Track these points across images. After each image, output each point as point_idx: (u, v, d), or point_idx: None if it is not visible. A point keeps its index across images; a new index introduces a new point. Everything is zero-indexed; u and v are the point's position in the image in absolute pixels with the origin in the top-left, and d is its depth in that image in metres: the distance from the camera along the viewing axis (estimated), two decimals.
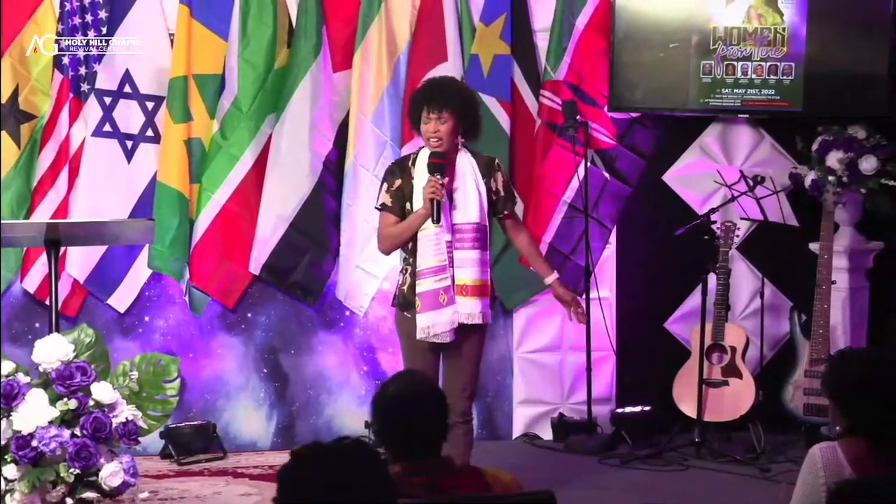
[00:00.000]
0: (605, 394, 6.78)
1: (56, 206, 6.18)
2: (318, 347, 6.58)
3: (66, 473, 4.28)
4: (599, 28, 6.64)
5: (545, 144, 6.63)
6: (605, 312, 6.68)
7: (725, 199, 6.57)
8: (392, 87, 6.48)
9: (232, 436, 6.45)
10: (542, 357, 6.79)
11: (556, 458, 6.40)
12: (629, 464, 6.20)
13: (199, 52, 6.29)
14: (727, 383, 6.41)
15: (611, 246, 6.82)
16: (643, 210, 6.82)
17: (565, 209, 6.65)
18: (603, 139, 6.72)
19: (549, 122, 6.63)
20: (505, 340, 6.77)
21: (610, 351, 6.76)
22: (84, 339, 4.58)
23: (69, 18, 6.19)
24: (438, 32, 6.49)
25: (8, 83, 6.12)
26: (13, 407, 4.34)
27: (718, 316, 6.40)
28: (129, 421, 4.44)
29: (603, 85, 6.66)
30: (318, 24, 6.38)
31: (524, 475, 3.51)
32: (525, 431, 6.75)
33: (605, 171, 6.74)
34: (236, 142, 6.34)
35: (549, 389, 6.78)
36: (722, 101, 6.67)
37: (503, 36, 6.52)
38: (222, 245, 6.35)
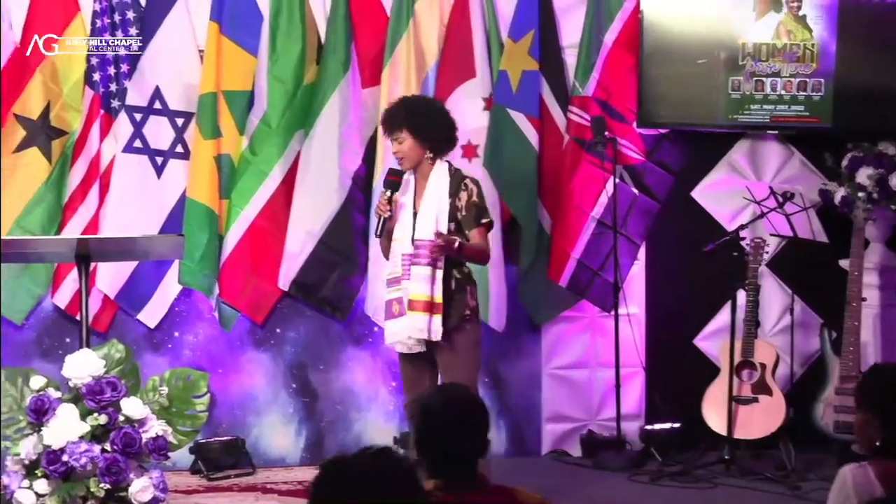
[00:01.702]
0: (634, 410, 6.76)
1: (86, 221, 6.21)
2: (346, 363, 6.59)
3: (96, 488, 4.28)
4: (628, 44, 6.64)
5: (573, 160, 6.63)
6: (634, 329, 6.67)
7: (755, 216, 6.55)
8: None
9: (261, 451, 6.46)
10: (570, 373, 6.77)
11: (585, 475, 6.38)
12: (658, 481, 6.18)
13: (229, 68, 6.32)
14: (757, 400, 6.37)
15: (639, 262, 6.81)
16: (672, 226, 6.81)
17: (594, 225, 6.65)
18: (631, 155, 6.71)
19: (577, 137, 6.62)
20: (534, 356, 6.76)
21: (639, 367, 6.74)
22: (114, 354, 4.58)
23: (100, 35, 6.23)
24: (467, 48, 6.50)
25: (39, 100, 6.15)
26: (44, 422, 4.34)
27: (748, 332, 6.37)
28: (159, 436, 4.44)
29: (631, 101, 6.66)
30: (347, 41, 6.40)
31: (553, 492, 3.52)
32: (554, 448, 6.74)
33: (634, 186, 6.73)
34: (265, 158, 6.36)
35: (577, 406, 6.76)
36: (751, 117, 6.65)
37: (531, 52, 6.53)
38: (251, 261, 6.36)
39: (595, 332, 6.80)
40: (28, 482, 4.34)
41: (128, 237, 5.53)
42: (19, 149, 6.14)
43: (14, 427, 4.45)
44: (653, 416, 6.76)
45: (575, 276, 6.66)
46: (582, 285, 6.68)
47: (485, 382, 6.61)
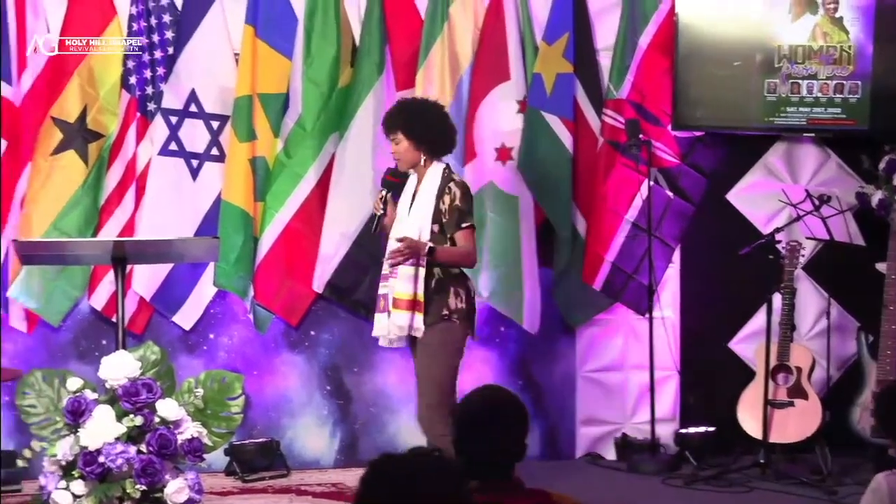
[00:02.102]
0: (669, 414, 6.74)
1: (123, 224, 6.24)
2: (380, 365, 6.60)
3: (132, 489, 4.30)
4: (662, 47, 6.62)
5: (608, 163, 6.62)
6: (669, 332, 6.65)
7: (790, 219, 6.51)
8: (455, 106, 6.49)
9: (295, 453, 6.47)
10: (605, 376, 6.76)
11: (619, 479, 6.36)
12: (693, 485, 6.15)
13: (264, 71, 6.34)
14: (793, 404, 6.34)
15: (674, 265, 6.79)
16: (707, 229, 6.78)
17: (628, 228, 6.63)
18: (666, 158, 6.70)
19: (611, 140, 6.61)
20: (568, 359, 6.75)
21: (673, 370, 6.72)
22: (150, 356, 4.60)
23: (136, 39, 6.26)
24: (501, 51, 6.50)
25: (77, 104, 6.19)
26: (81, 423, 4.37)
27: (784, 336, 6.34)
28: (194, 438, 4.45)
29: (666, 103, 6.64)
30: (382, 44, 6.41)
31: (587, 495, 3.51)
32: (588, 451, 6.73)
33: (669, 189, 6.71)
34: (300, 160, 6.38)
35: (612, 409, 6.75)
36: (787, 119, 6.62)
37: (566, 55, 6.52)
38: (286, 263, 6.38)
39: (629, 334, 6.78)
40: (65, 483, 4.36)
41: (163, 239, 5.55)
42: (56, 151, 6.18)
43: (51, 428, 4.48)
44: (687, 419, 6.74)
45: (609, 278, 6.65)
46: (616, 288, 6.66)
47: (518, 385, 6.62)
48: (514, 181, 6.51)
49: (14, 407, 4.82)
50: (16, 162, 6.19)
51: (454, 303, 5.25)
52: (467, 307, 5.30)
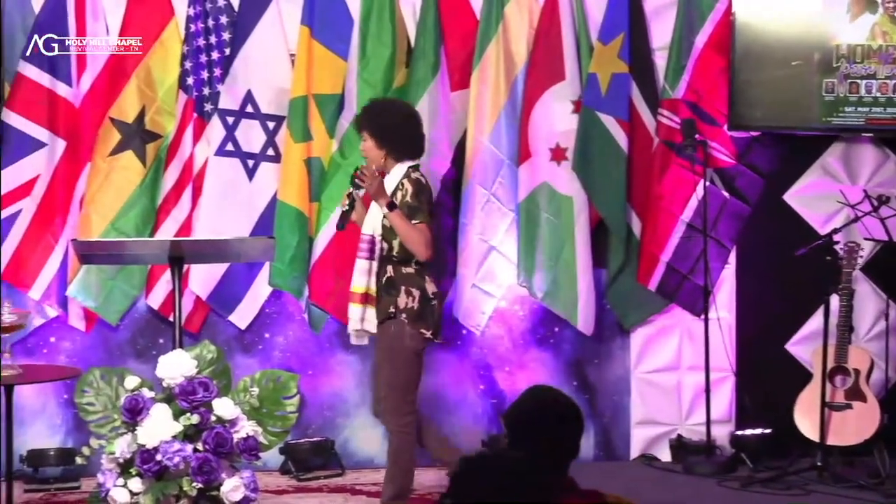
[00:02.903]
0: (724, 415, 6.70)
1: (180, 224, 6.29)
2: (435, 366, 6.59)
3: (188, 487, 4.33)
4: (719, 46, 6.58)
5: (663, 163, 6.59)
6: (725, 333, 6.61)
7: (848, 220, 6.46)
8: (509, 106, 6.49)
9: (350, 452, 6.49)
10: (659, 377, 6.73)
11: (674, 480, 6.33)
12: (749, 487, 6.10)
13: (320, 72, 6.37)
14: (850, 406, 6.28)
15: (730, 266, 6.74)
16: (763, 230, 6.73)
17: (683, 228, 6.59)
18: (722, 158, 6.65)
19: (667, 140, 6.58)
20: (622, 360, 6.72)
21: (729, 372, 6.68)
22: (206, 355, 4.62)
23: (194, 40, 6.31)
24: (556, 51, 6.49)
25: (135, 104, 6.25)
26: (138, 421, 4.40)
27: (841, 338, 6.28)
28: (250, 436, 4.48)
29: (722, 103, 6.59)
30: (437, 45, 6.42)
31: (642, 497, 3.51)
32: (643, 452, 6.70)
33: (725, 190, 6.67)
34: (355, 161, 6.37)
35: (667, 410, 6.71)
36: (845, 119, 6.56)
37: (621, 55, 6.49)
38: (341, 263, 6.39)
39: (684, 335, 6.74)
40: (123, 480, 4.40)
41: (220, 239, 5.59)
42: (115, 152, 6.23)
43: (109, 426, 4.52)
44: (743, 421, 6.69)
45: (664, 279, 6.62)
46: (671, 289, 6.63)
47: (573, 386, 6.60)
48: (568, 181, 6.50)
49: (73, 405, 4.88)
50: (75, 162, 6.25)
51: (404, 301, 5.32)
52: (420, 307, 5.34)
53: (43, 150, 6.19)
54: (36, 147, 6.18)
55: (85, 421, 4.63)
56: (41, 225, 6.20)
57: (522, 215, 6.49)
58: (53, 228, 6.22)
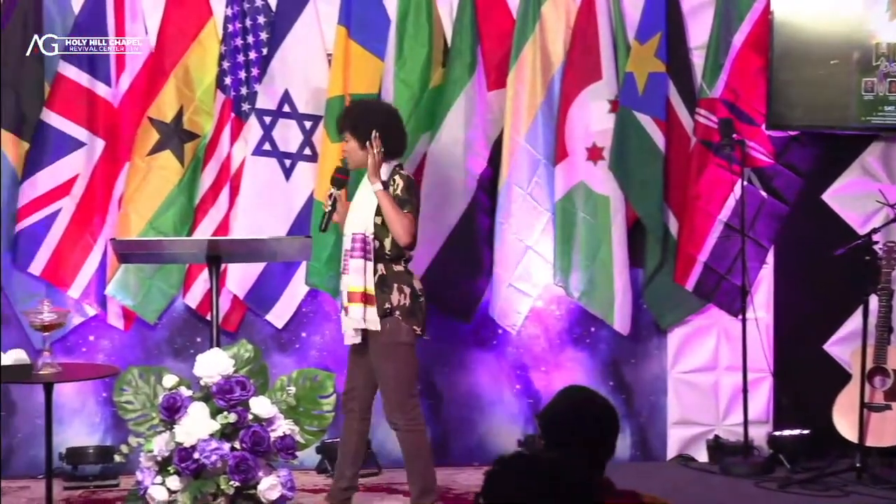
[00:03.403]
0: (762, 416, 6.67)
1: (217, 223, 6.32)
2: (471, 365, 6.60)
3: (226, 486, 4.35)
4: (757, 45, 6.55)
5: (700, 163, 6.56)
6: (762, 333, 6.58)
7: (888, 219, 6.41)
8: (546, 106, 6.48)
9: (387, 452, 6.49)
10: (696, 377, 6.70)
11: (711, 481, 6.30)
12: (787, 488, 6.07)
13: (356, 72, 6.38)
14: (890, 407, 6.25)
15: (768, 266, 6.71)
16: (801, 229, 6.69)
17: (721, 228, 6.57)
18: (760, 157, 6.62)
19: (704, 140, 6.56)
20: (659, 360, 6.71)
21: (766, 372, 6.64)
22: (243, 354, 4.64)
23: (231, 40, 6.34)
24: (593, 51, 6.48)
25: (173, 104, 6.28)
26: (176, 420, 4.42)
27: (880, 338, 6.24)
28: (287, 435, 4.49)
29: (760, 103, 6.56)
30: (473, 44, 6.42)
31: (679, 497, 3.50)
32: (679, 453, 6.68)
33: (762, 189, 6.64)
34: None
35: (704, 410, 6.69)
36: (884, 118, 6.52)
37: (658, 54, 6.47)
38: None
39: (721, 336, 6.72)
40: (161, 478, 4.42)
41: (257, 239, 5.62)
42: (153, 152, 6.27)
43: (147, 424, 4.55)
44: (781, 421, 6.66)
45: (701, 279, 6.59)
46: (708, 289, 6.60)
47: (609, 386, 6.59)
48: (605, 181, 6.48)
49: (112, 403, 4.91)
50: (114, 162, 6.29)
51: (397, 298, 5.33)
52: (411, 304, 5.36)
53: (82, 149, 6.24)
54: (75, 147, 6.23)
55: (123, 419, 4.66)
56: (80, 224, 6.24)
57: (559, 215, 6.49)
58: (92, 228, 6.26)
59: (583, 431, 3.22)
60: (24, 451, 6.29)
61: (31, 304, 5.57)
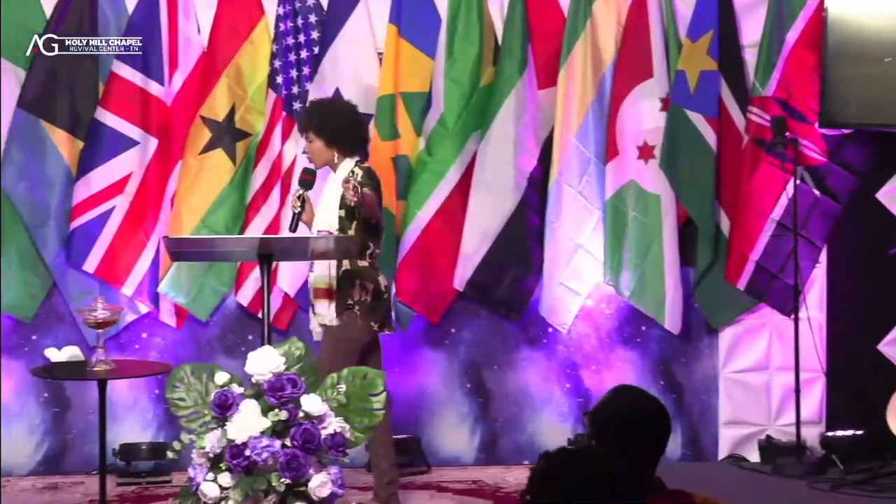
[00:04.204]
0: (815, 416, 6.62)
1: (269, 221, 6.35)
2: (521, 363, 6.60)
3: (277, 483, 4.36)
4: (810, 43, 6.49)
5: (753, 161, 6.52)
6: (815, 332, 6.53)
7: None
8: (597, 104, 6.47)
9: (435, 450, 6.51)
10: (748, 377, 6.67)
11: (763, 481, 6.26)
12: (840, 489, 6.02)
13: (407, 70, 6.40)
14: None
15: (821, 265, 6.66)
16: (855, 228, 6.63)
17: (773, 227, 6.52)
18: (813, 156, 6.57)
19: (756, 138, 6.51)
20: (710, 360, 6.67)
21: (819, 372, 6.60)
22: (294, 351, 4.65)
23: (283, 39, 6.37)
24: (644, 49, 6.45)
25: (225, 103, 6.32)
26: (228, 417, 4.44)
27: None
28: (338, 433, 4.49)
29: (813, 101, 6.51)
30: (524, 43, 6.41)
31: (730, 497, 3.46)
32: (731, 453, 6.64)
33: (815, 188, 6.59)
34: (442, 159, 6.42)
35: (755, 410, 6.65)
36: None
37: (710, 52, 6.44)
38: (427, 261, 6.43)
39: (774, 335, 6.67)
40: (213, 475, 4.45)
41: (308, 237, 5.63)
42: (205, 150, 6.31)
43: (199, 421, 4.56)
44: (834, 422, 6.60)
45: (753, 278, 6.55)
46: (760, 288, 6.56)
47: (660, 385, 6.57)
48: (656, 179, 6.46)
49: (164, 400, 4.94)
50: (167, 160, 6.34)
51: (358, 294, 5.36)
52: (372, 300, 5.38)
53: (136, 148, 6.29)
54: (129, 145, 6.28)
55: (176, 416, 4.69)
56: (134, 222, 6.30)
57: (609, 213, 6.47)
58: (145, 225, 6.32)
59: (632, 430, 3.21)
60: (79, 447, 6.36)
61: (86, 302, 5.64)
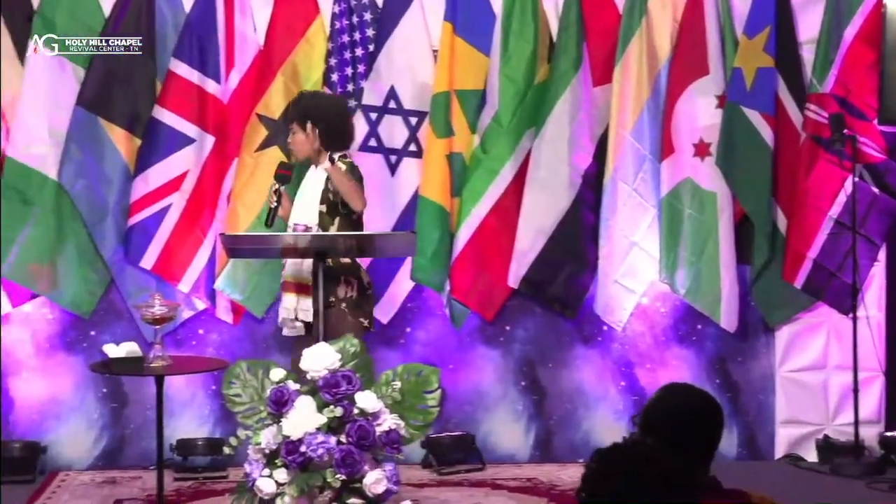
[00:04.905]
0: (873, 416, 6.56)
1: None
2: (575, 361, 6.59)
3: (332, 479, 4.39)
4: (869, 39, 6.43)
5: (810, 158, 6.47)
6: (874, 331, 6.47)
7: None
8: (652, 101, 6.44)
9: (490, 447, 6.51)
10: (805, 376, 6.61)
11: (821, 481, 6.21)
12: None
13: (462, 68, 6.40)
14: None
15: (879, 263, 6.60)
16: None
17: (831, 225, 6.46)
18: (872, 153, 6.50)
19: (814, 135, 6.46)
20: (767, 359, 6.63)
21: (878, 371, 6.53)
22: (349, 348, 4.68)
23: (338, 37, 6.39)
24: (700, 46, 6.42)
25: (281, 101, 6.35)
26: (283, 413, 4.48)
27: None
28: (392, 430, 4.52)
29: (872, 97, 6.44)
30: (579, 40, 6.39)
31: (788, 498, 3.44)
32: (788, 452, 6.59)
33: (874, 185, 6.52)
34: (496, 156, 6.42)
35: (813, 410, 6.59)
36: None
37: (767, 49, 6.39)
38: (482, 258, 6.42)
39: (832, 334, 6.61)
40: (268, 471, 4.48)
41: (362, 234, 5.65)
42: (261, 148, 6.34)
43: (255, 417, 4.61)
44: (893, 422, 6.54)
45: (811, 276, 6.50)
46: (818, 286, 6.50)
47: (716, 384, 6.53)
48: (712, 177, 6.42)
49: (221, 396, 4.98)
50: (223, 158, 6.38)
51: (343, 291, 5.36)
52: (358, 296, 5.40)
53: (192, 145, 6.33)
54: (186, 143, 6.32)
55: (232, 412, 4.73)
56: (190, 219, 6.34)
57: (665, 211, 6.44)
58: (202, 223, 6.36)
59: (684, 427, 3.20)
60: (136, 442, 6.41)
61: (143, 298, 5.69)
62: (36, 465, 6.19)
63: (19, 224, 6.25)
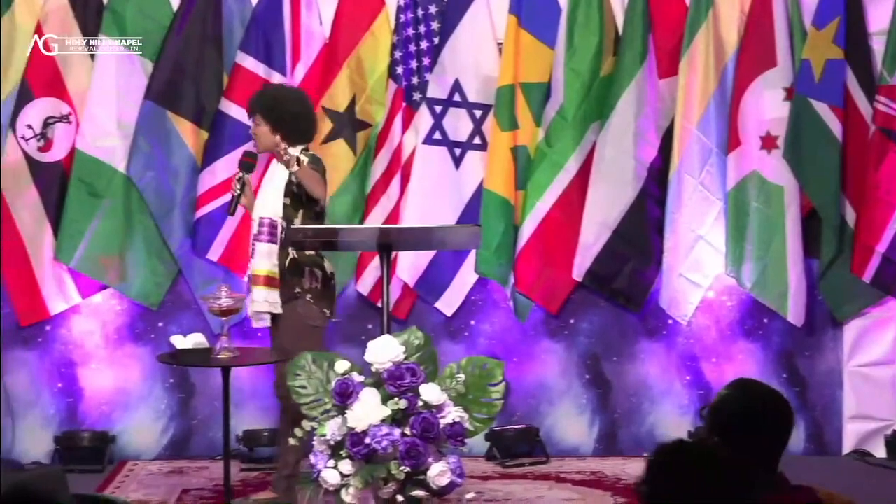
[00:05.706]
0: None
1: (388, 211, 6.39)
2: (640, 355, 6.56)
3: (396, 471, 4.40)
4: None
5: (880, 151, 6.38)
6: None
7: None
8: (719, 94, 6.39)
9: (554, 441, 6.50)
10: (874, 371, 6.54)
11: (890, 477, 6.15)
12: None
13: (527, 61, 6.39)
14: None
15: None
16: None
17: None
18: None
19: (884, 128, 6.37)
20: (835, 353, 6.56)
21: None
22: (414, 341, 4.68)
23: (403, 30, 6.41)
24: (768, 38, 6.36)
25: (346, 94, 6.38)
26: (348, 405, 4.49)
27: None
28: (456, 422, 4.52)
29: None
30: (645, 32, 6.36)
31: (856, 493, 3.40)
32: (856, 448, 6.52)
33: None
34: (561, 149, 6.40)
35: (882, 405, 6.52)
36: None
37: (836, 40, 6.32)
38: (546, 251, 6.42)
39: None
40: (333, 462, 4.50)
41: (427, 227, 5.66)
42: (326, 140, 6.37)
43: (320, 409, 4.62)
44: None
45: (880, 270, 6.41)
46: (887, 281, 6.42)
47: (783, 379, 6.48)
48: (779, 170, 6.36)
49: None
50: None
51: (308, 282, 5.38)
52: (322, 287, 5.41)
53: None
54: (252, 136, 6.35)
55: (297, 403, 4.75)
56: None
57: (731, 204, 6.39)
58: None
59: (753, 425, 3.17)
60: (203, 432, 6.48)
61: (210, 290, 5.74)
62: (105, 455, 6.28)
63: (89, 216, 6.34)
